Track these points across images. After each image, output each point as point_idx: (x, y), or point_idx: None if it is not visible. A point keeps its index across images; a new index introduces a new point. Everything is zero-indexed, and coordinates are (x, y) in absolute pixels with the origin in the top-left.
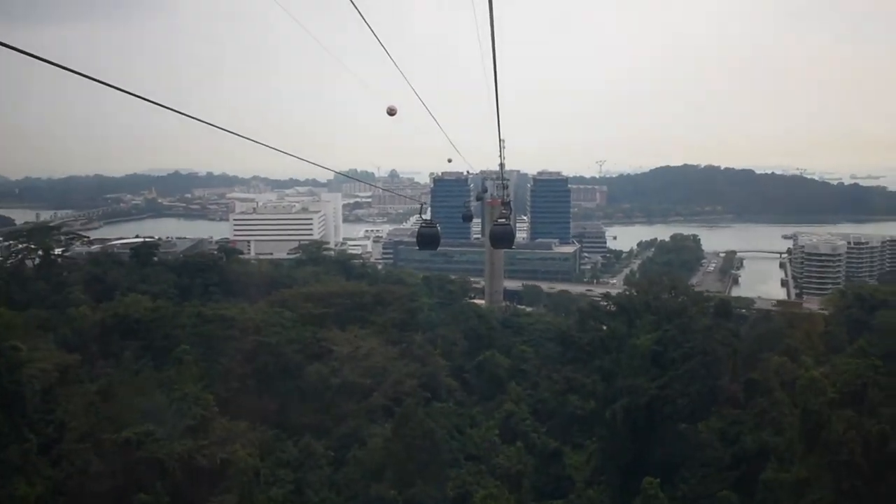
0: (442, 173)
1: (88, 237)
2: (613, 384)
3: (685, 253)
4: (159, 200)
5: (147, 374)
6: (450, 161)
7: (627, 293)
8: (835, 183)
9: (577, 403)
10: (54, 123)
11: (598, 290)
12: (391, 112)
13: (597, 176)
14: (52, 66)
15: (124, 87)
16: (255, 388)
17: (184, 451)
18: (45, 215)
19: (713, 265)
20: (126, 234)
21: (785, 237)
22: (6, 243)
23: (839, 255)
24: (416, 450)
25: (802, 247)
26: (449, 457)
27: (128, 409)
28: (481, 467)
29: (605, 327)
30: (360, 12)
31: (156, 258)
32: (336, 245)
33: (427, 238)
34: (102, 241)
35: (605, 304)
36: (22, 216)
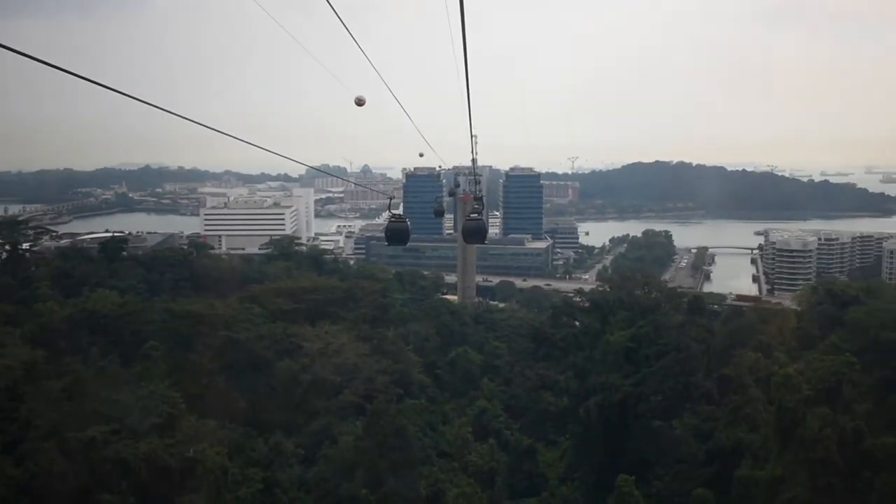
0: (414, 168)
1: (57, 231)
2: (587, 381)
3: (657, 249)
4: (130, 195)
5: (114, 371)
6: (421, 155)
7: (601, 289)
8: (805, 180)
9: (551, 400)
10: (24, 117)
11: (571, 286)
12: (359, 102)
13: (569, 172)
14: (22, 56)
15: (95, 80)
16: (224, 385)
17: (150, 450)
18: (15, 209)
19: (685, 261)
20: (96, 228)
21: (757, 233)
22: None
23: (810, 251)
24: (387, 448)
25: (774, 243)
26: (421, 454)
27: (94, 407)
28: (454, 465)
29: (578, 323)
30: (331, 5)
31: (125, 253)
32: (308, 240)
33: (396, 233)
34: (72, 235)
35: (579, 300)
36: None
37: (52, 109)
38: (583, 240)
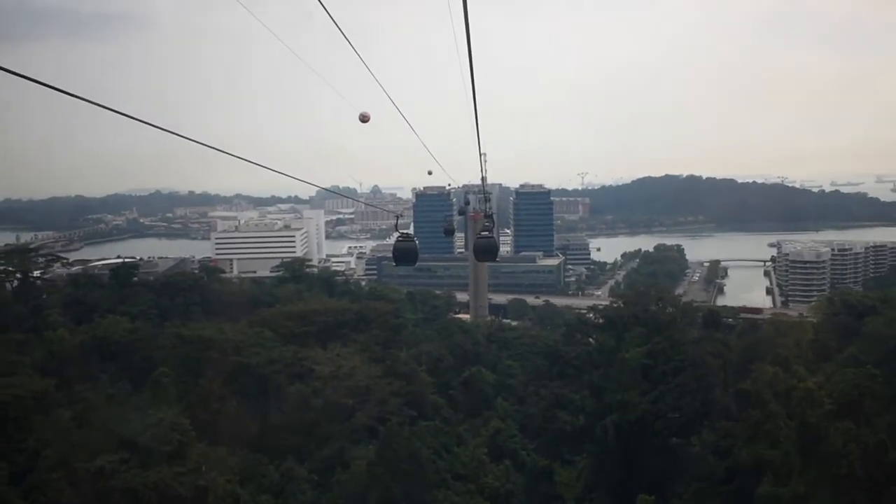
0: (424, 188)
1: (68, 259)
2: (603, 399)
3: (669, 263)
4: (141, 220)
5: (123, 398)
6: (430, 173)
7: (615, 305)
8: (816, 190)
9: (567, 419)
10: (35, 144)
11: (584, 302)
12: (364, 119)
13: (579, 188)
14: (36, 83)
15: (105, 104)
16: (235, 411)
17: (159, 480)
18: (26, 237)
19: (697, 275)
20: (107, 254)
21: (770, 245)
22: None
23: (824, 262)
24: (400, 472)
25: (787, 255)
26: (436, 478)
27: (103, 436)
28: (469, 487)
29: (592, 341)
30: (338, 26)
31: (136, 279)
32: (319, 262)
33: (404, 253)
34: (83, 262)
35: (593, 316)
36: (2, 238)
37: (62, 136)
38: (594, 256)
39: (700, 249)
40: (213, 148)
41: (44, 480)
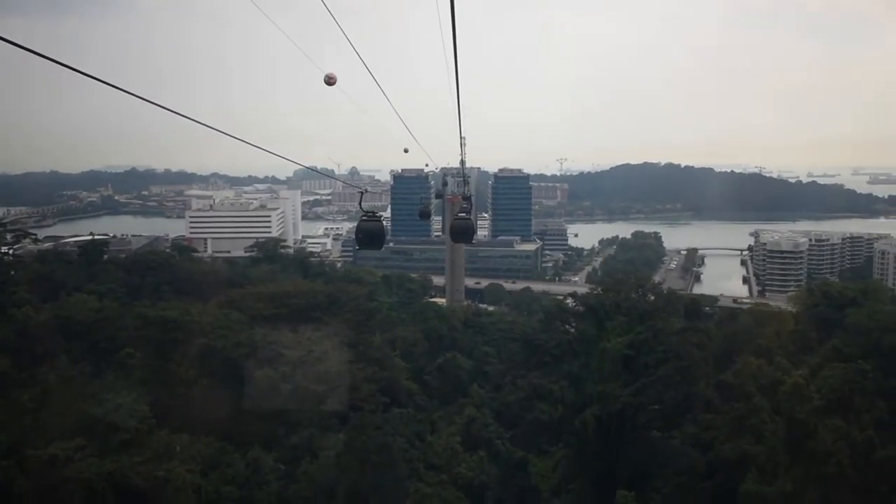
0: (402, 170)
1: (37, 234)
2: (583, 390)
3: (647, 250)
4: (116, 197)
5: (82, 382)
6: (406, 151)
7: (595, 293)
8: (793, 181)
9: (544, 409)
10: (9, 118)
11: (561, 288)
12: (329, 81)
13: (558, 174)
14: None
15: (92, 75)
16: (200, 396)
17: (115, 469)
18: None
19: (675, 263)
20: (81, 231)
21: (752, 234)
22: None
23: (801, 252)
24: (370, 465)
25: (764, 244)
26: (408, 467)
27: (59, 421)
28: (442, 477)
29: (572, 329)
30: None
31: (105, 256)
32: (295, 243)
33: (369, 235)
34: (55, 238)
35: (573, 304)
36: None
37: (38, 110)
38: (572, 241)
39: (677, 237)
40: (193, 120)
41: None
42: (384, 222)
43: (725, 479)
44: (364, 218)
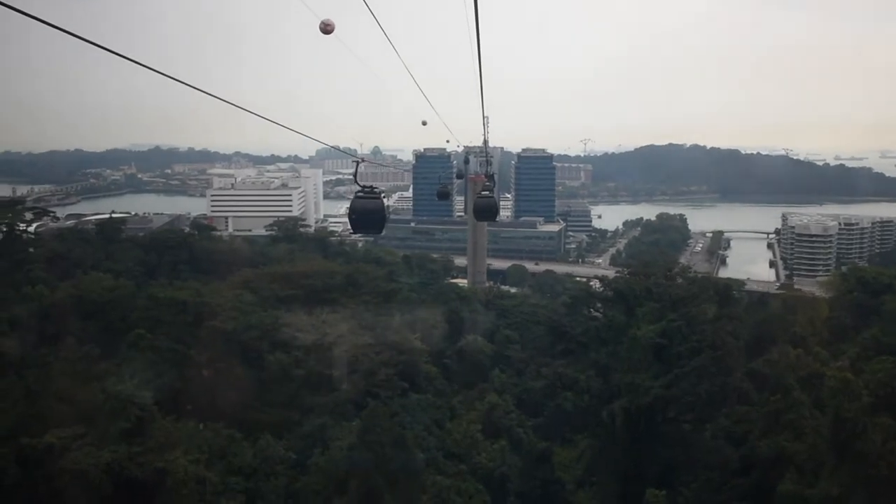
0: (424, 149)
1: (55, 212)
2: (610, 381)
3: (671, 232)
4: (139, 176)
5: (85, 365)
6: (424, 123)
7: (624, 277)
8: (820, 164)
9: (569, 397)
10: (35, 97)
11: (585, 270)
12: (326, 29)
13: (581, 155)
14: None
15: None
16: (210, 381)
17: (113, 460)
18: (23, 190)
19: (700, 245)
20: (104, 209)
21: (782, 217)
22: None
23: (830, 235)
24: (384, 459)
25: (792, 227)
26: (426, 456)
27: (59, 407)
28: (461, 467)
29: (599, 315)
30: None
31: (123, 234)
32: (317, 222)
33: (365, 215)
34: (77, 216)
35: (601, 288)
36: None
37: (62, 88)
38: (596, 223)
39: (703, 219)
40: (218, 98)
41: None
42: (386, 199)
43: (761, 478)
44: (359, 194)
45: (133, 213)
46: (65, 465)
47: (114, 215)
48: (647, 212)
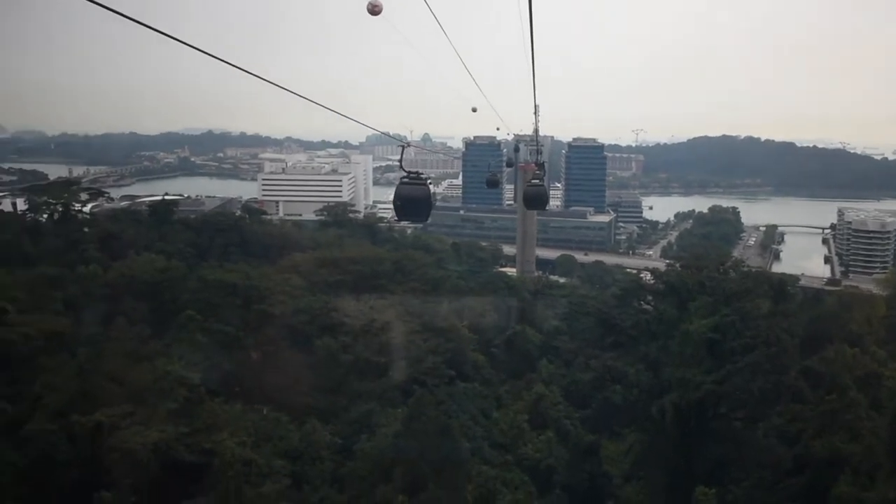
0: (474, 137)
1: (109, 193)
2: (661, 375)
3: (724, 226)
4: (192, 159)
5: (135, 345)
6: (474, 110)
7: (676, 269)
8: (878, 158)
9: (618, 390)
10: (92, 80)
11: (635, 262)
12: (374, 9)
13: (633, 145)
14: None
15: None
16: (257, 364)
17: (161, 440)
18: (79, 171)
19: (753, 239)
20: (157, 191)
21: (839, 212)
22: (28, 198)
23: (888, 232)
24: (429, 447)
25: (849, 223)
26: (471, 445)
27: (108, 386)
28: (507, 458)
29: (650, 307)
30: None
31: (175, 216)
32: (366, 208)
33: (410, 202)
34: (132, 197)
35: (652, 280)
36: (56, 171)
37: (118, 72)
38: (646, 214)
39: (756, 213)
40: (271, 83)
41: (40, 432)
42: (431, 186)
43: (814, 478)
44: (405, 180)
45: (185, 195)
46: (114, 444)
47: (166, 197)
48: (699, 204)
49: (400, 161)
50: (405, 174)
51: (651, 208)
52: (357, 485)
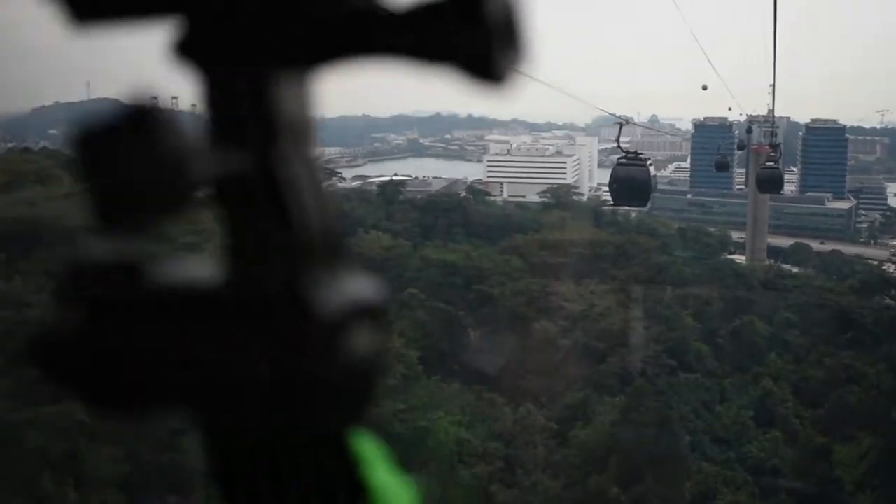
0: (704, 118)
1: (341, 173)
2: None
3: None
4: (420, 141)
5: None
6: (705, 88)
7: None
8: None
9: (855, 391)
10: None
11: (877, 253)
12: None
13: (877, 127)
14: None
15: None
16: (476, 344)
17: (376, 416)
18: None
19: None
20: (387, 172)
21: None
22: None
23: None
24: (647, 439)
25: None
26: (692, 439)
27: None
28: (729, 454)
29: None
30: None
31: (402, 196)
32: (590, 190)
33: (629, 184)
34: (363, 177)
35: None
36: None
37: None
38: (891, 201)
39: None
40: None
41: None
42: (652, 168)
43: None
44: (622, 161)
45: (413, 176)
46: None
47: (395, 178)
48: None
49: (617, 140)
50: (622, 153)
51: None
52: (570, 472)
